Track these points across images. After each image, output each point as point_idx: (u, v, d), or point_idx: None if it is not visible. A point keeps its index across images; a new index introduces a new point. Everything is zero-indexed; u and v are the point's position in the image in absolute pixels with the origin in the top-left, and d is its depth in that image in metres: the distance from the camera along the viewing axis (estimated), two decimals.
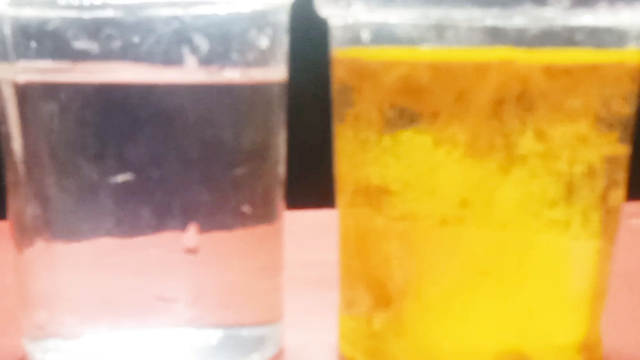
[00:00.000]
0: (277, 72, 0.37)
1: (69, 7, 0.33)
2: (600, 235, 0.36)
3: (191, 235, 0.35)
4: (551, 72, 0.33)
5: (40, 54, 0.34)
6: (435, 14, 0.33)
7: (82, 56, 0.33)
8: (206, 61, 0.34)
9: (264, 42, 0.36)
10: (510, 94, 0.33)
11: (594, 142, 0.34)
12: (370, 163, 0.35)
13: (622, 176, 0.36)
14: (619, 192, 0.36)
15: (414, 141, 0.34)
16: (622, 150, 0.36)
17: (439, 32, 0.33)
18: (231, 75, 0.35)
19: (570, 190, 0.34)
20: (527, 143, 0.34)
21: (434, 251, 0.35)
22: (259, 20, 0.35)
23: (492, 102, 0.33)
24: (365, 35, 0.35)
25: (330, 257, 0.39)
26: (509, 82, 0.33)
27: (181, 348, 0.36)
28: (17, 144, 0.35)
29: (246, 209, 0.36)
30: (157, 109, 0.34)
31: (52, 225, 0.35)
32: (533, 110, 0.33)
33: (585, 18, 0.33)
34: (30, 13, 0.34)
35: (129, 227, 0.35)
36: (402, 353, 0.36)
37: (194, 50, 0.34)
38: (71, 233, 0.35)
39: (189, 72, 0.34)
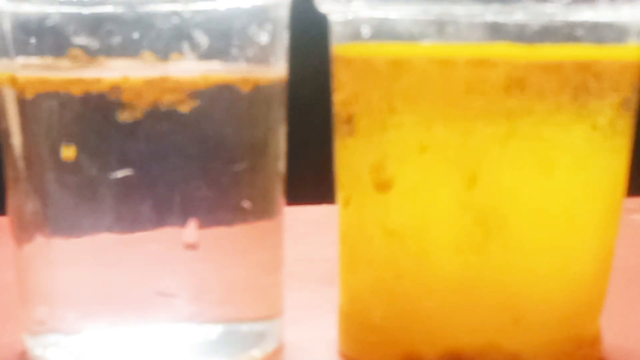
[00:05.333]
0: (277, 68, 0.37)
1: (69, 2, 0.33)
2: (602, 227, 0.36)
3: (191, 230, 0.35)
4: (551, 67, 0.33)
5: (39, 50, 0.34)
6: (435, 10, 0.33)
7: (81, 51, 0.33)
8: (206, 57, 0.34)
9: (264, 38, 0.36)
10: (510, 90, 0.33)
11: (594, 136, 0.34)
12: (370, 158, 0.35)
13: (622, 174, 0.36)
14: (620, 188, 0.36)
15: (414, 135, 0.34)
16: (624, 146, 0.36)
17: (440, 27, 0.33)
18: (231, 71, 0.35)
19: (572, 184, 0.35)
20: (526, 138, 0.34)
21: (432, 247, 0.35)
22: (259, 16, 0.35)
23: (490, 97, 0.33)
24: (366, 31, 0.35)
25: (331, 253, 0.39)
26: (509, 77, 0.33)
27: (181, 343, 0.36)
28: (16, 140, 0.35)
29: (246, 204, 0.36)
30: (156, 104, 0.34)
31: (51, 221, 0.35)
32: (533, 106, 0.33)
33: (586, 14, 0.33)
34: (30, 9, 0.34)
35: (128, 222, 0.35)
36: (401, 348, 0.36)
37: (194, 46, 0.34)
38: (71, 229, 0.35)
39: (188, 68, 0.34)
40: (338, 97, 0.37)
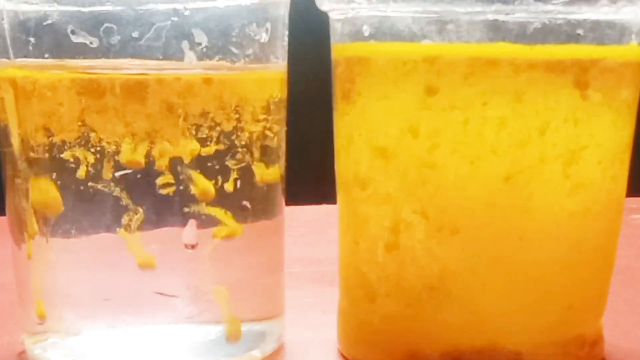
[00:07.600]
0: (277, 67, 0.37)
1: (68, 2, 0.33)
2: (603, 227, 0.36)
3: (191, 230, 0.35)
4: (552, 67, 0.33)
5: (38, 49, 0.34)
6: (436, 9, 0.33)
7: (81, 51, 0.33)
8: (205, 55, 0.34)
9: (263, 36, 0.36)
10: (510, 88, 0.33)
11: (595, 135, 0.34)
12: (368, 156, 0.35)
13: (624, 174, 0.36)
14: (622, 188, 0.36)
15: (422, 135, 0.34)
16: (625, 146, 0.36)
17: (440, 27, 0.33)
18: (231, 69, 0.35)
19: (574, 182, 0.35)
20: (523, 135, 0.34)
21: (433, 248, 0.35)
22: (259, 15, 0.35)
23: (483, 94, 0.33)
24: (366, 29, 0.35)
25: (330, 253, 0.39)
26: (509, 76, 0.33)
27: (181, 344, 0.36)
28: (15, 140, 0.35)
29: (246, 204, 0.36)
30: (156, 104, 0.34)
31: (50, 221, 0.35)
32: (533, 105, 0.33)
33: (587, 13, 0.33)
34: (29, 8, 0.34)
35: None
36: (401, 348, 0.36)
37: (193, 44, 0.34)
38: (71, 229, 0.35)
39: (188, 67, 0.34)
40: (338, 96, 0.37)
